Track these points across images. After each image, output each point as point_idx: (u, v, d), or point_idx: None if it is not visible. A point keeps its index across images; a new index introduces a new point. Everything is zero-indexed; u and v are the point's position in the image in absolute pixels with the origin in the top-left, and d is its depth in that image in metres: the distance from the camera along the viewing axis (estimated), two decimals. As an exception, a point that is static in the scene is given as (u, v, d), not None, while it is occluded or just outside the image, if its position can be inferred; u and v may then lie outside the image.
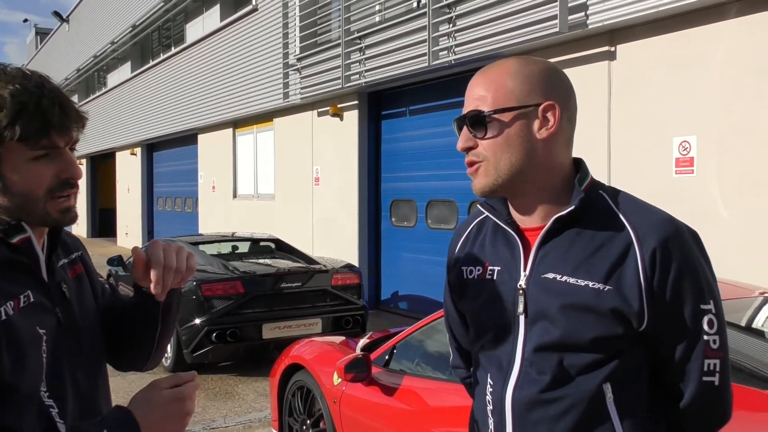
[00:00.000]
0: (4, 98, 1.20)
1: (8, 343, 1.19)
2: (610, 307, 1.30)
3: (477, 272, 1.48)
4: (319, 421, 4.20)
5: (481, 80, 1.40)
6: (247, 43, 12.82)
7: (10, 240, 1.26)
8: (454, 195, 8.94)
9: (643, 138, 6.13)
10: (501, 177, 1.37)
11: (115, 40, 21.14)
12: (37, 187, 1.25)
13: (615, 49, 6.41)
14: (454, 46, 7.78)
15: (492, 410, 1.42)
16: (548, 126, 1.36)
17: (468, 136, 1.40)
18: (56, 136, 1.25)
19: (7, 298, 1.21)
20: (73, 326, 1.36)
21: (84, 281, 1.47)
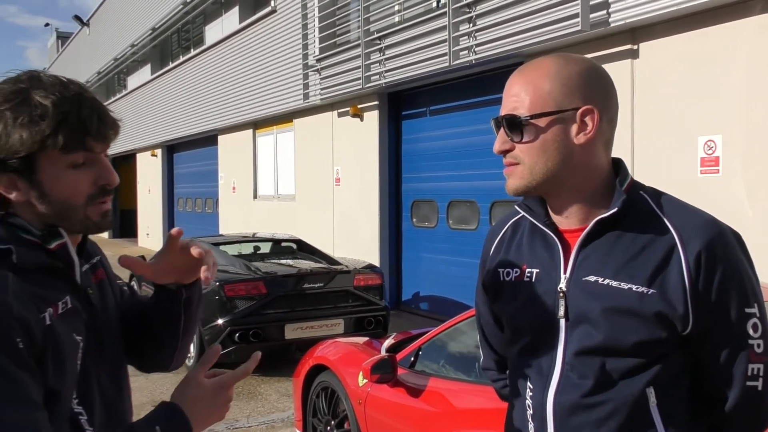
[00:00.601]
0: (46, 108, 1.20)
1: (53, 350, 1.20)
2: (654, 310, 1.28)
3: (515, 274, 1.46)
4: (343, 422, 4.20)
5: (519, 80, 1.38)
6: (266, 44, 12.87)
7: (48, 245, 1.26)
8: (476, 195, 8.91)
9: (667, 137, 6.07)
10: (535, 180, 1.36)
11: (135, 43, 21.32)
12: (77, 195, 1.26)
13: (637, 47, 6.36)
14: (475, 46, 7.76)
15: (532, 414, 1.40)
16: (586, 131, 1.33)
17: (504, 139, 1.38)
18: (94, 144, 1.26)
19: (47, 304, 1.21)
20: (97, 331, 1.36)
21: (105, 286, 1.47)
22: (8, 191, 1.24)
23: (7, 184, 1.23)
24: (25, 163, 1.21)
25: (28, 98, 1.21)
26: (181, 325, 1.49)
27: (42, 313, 1.19)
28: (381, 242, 10.35)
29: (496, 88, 8.40)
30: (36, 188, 1.24)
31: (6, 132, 1.19)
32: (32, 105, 1.20)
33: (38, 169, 1.23)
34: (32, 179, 1.23)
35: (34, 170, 1.22)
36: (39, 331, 1.17)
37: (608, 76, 1.40)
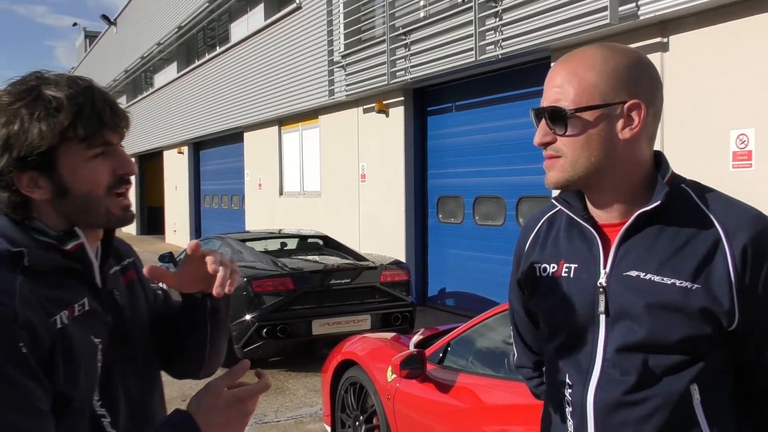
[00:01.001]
0: (61, 101, 1.21)
1: (63, 352, 1.19)
2: (699, 306, 1.25)
3: (552, 269, 1.44)
4: (372, 417, 4.21)
5: (563, 71, 1.33)
6: (291, 41, 12.91)
7: (64, 246, 1.25)
8: (502, 191, 8.87)
9: (698, 131, 5.99)
10: (577, 174, 1.33)
11: (162, 41, 21.51)
12: (97, 186, 1.26)
13: (667, 40, 6.28)
14: (501, 41, 7.71)
15: (571, 412, 1.38)
16: (632, 126, 1.30)
17: (546, 131, 1.34)
18: (110, 134, 1.27)
19: (62, 306, 1.21)
20: (124, 334, 1.35)
21: (136, 288, 1.46)
22: (30, 190, 1.23)
23: (28, 183, 1.23)
24: (44, 159, 1.21)
25: (41, 94, 1.21)
26: (207, 334, 1.46)
27: (53, 316, 1.18)
28: (407, 238, 10.34)
29: (523, 83, 8.36)
30: (57, 184, 1.23)
31: (23, 129, 1.19)
32: (46, 99, 1.20)
33: (58, 164, 1.23)
34: (53, 175, 1.23)
35: (54, 165, 1.22)
36: (47, 335, 1.16)
37: (655, 68, 1.36)
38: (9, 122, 1.20)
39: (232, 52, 16.11)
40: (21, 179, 1.22)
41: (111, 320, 1.32)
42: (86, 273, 1.29)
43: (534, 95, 8.11)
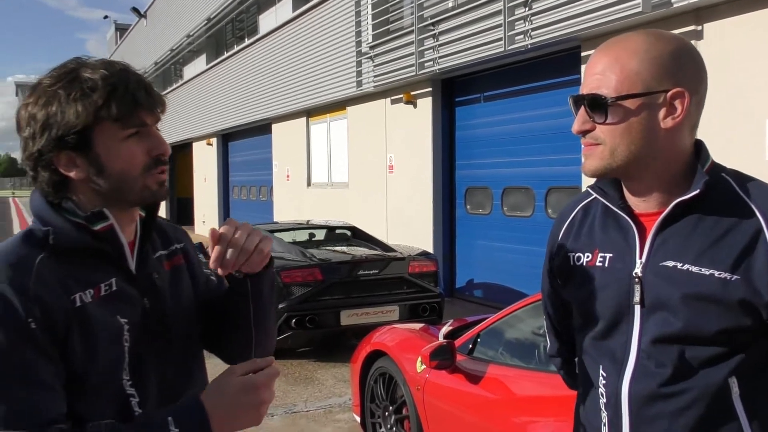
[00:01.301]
0: (95, 81, 1.24)
1: (80, 330, 1.22)
2: (738, 297, 1.23)
3: (586, 259, 1.42)
4: (401, 408, 4.23)
5: (604, 57, 1.30)
6: (319, 33, 12.92)
7: (93, 227, 1.28)
8: (531, 182, 8.81)
9: (732, 121, 5.89)
10: (616, 162, 1.30)
11: (191, 33, 21.67)
12: (133, 166, 1.29)
13: (701, 28, 6.17)
14: (531, 30, 7.64)
15: (606, 403, 1.37)
16: (675, 115, 1.27)
17: (585, 119, 1.32)
18: (145, 115, 1.29)
19: (86, 286, 1.25)
20: (162, 317, 1.36)
21: (183, 273, 1.47)
22: (68, 169, 1.27)
23: (66, 162, 1.27)
24: (81, 139, 1.24)
25: (78, 76, 1.25)
26: (250, 316, 1.44)
27: (72, 294, 1.22)
28: (435, 229, 10.33)
29: (552, 73, 8.28)
30: (94, 163, 1.27)
31: (61, 109, 1.23)
32: (82, 80, 1.24)
33: (94, 144, 1.26)
34: (89, 154, 1.26)
35: (90, 145, 1.26)
36: (62, 313, 1.20)
37: (700, 57, 1.33)
38: (48, 103, 1.24)
39: (260, 43, 16.18)
40: (59, 159, 1.26)
41: (148, 303, 1.34)
42: (116, 254, 1.31)
43: (564, 85, 8.04)
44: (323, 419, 5.33)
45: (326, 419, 5.33)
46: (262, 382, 1.26)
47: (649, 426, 1.31)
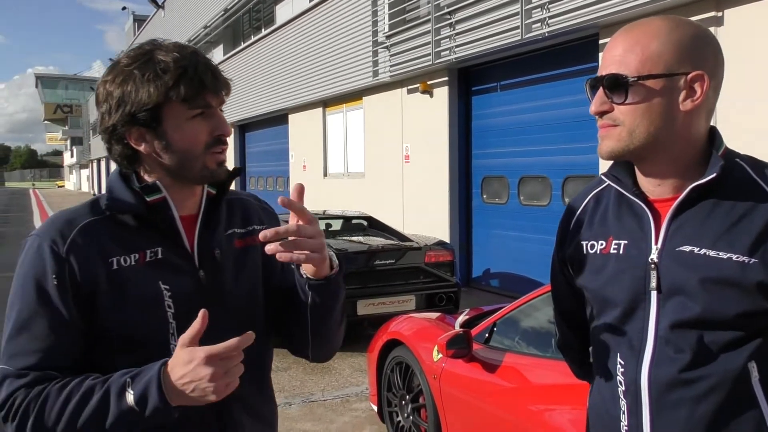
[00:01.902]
0: (168, 63, 1.34)
1: (113, 290, 1.34)
2: (756, 281, 1.23)
3: (600, 246, 1.42)
4: (418, 397, 4.24)
5: (625, 40, 1.31)
6: (336, 22, 12.90)
7: (147, 198, 1.40)
8: (547, 171, 8.77)
9: (753, 109, 5.82)
10: (633, 144, 1.31)
11: (208, 24, 21.72)
12: (196, 144, 1.38)
13: (722, 14, 6.09)
14: (548, 18, 7.58)
15: (624, 391, 1.36)
16: (694, 97, 1.28)
17: (603, 100, 1.32)
18: (210, 97, 1.39)
19: (130, 251, 1.37)
20: (219, 291, 1.43)
21: (255, 254, 1.52)
22: (138, 143, 1.39)
23: (137, 137, 1.38)
24: (152, 116, 1.35)
25: (152, 57, 1.36)
26: (307, 322, 1.46)
27: (111, 257, 1.35)
28: (451, 219, 10.32)
29: (570, 62, 8.21)
30: (161, 139, 1.38)
31: (135, 88, 1.34)
32: (156, 62, 1.35)
33: (163, 121, 1.36)
34: (158, 131, 1.37)
35: (159, 122, 1.36)
36: (93, 273, 1.33)
37: (718, 43, 1.34)
38: (124, 82, 1.36)
39: (277, 34, 16.19)
40: (131, 133, 1.38)
41: (204, 275, 1.42)
42: (166, 225, 1.41)
43: (581, 73, 7.97)
44: (340, 408, 5.36)
45: (343, 408, 5.36)
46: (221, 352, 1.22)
47: (670, 412, 1.31)
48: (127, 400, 1.25)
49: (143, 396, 1.24)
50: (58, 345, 1.32)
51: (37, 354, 1.31)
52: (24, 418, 1.28)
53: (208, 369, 1.21)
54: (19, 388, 1.29)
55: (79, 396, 1.27)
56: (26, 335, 1.32)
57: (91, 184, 57.93)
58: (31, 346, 1.32)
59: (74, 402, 1.27)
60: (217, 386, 1.22)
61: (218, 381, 1.22)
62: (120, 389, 1.26)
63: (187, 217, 1.45)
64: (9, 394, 1.29)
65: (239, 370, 1.25)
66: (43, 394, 1.28)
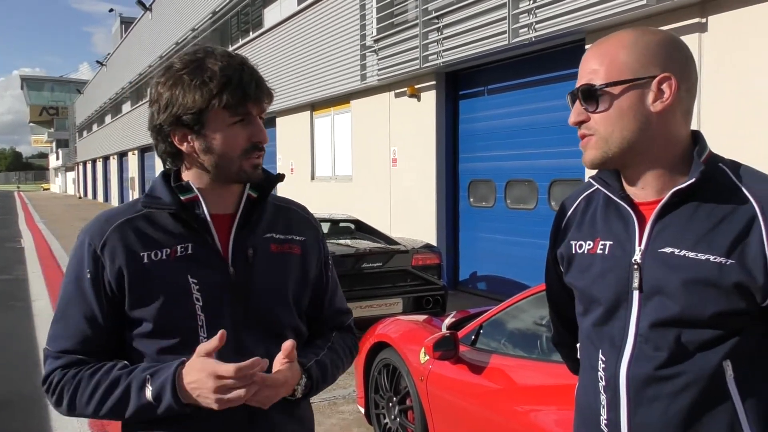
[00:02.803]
0: (214, 72, 1.43)
1: (143, 283, 1.44)
2: (733, 281, 1.27)
3: (588, 247, 1.47)
4: (405, 399, 4.25)
5: (595, 53, 1.38)
6: (324, 26, 12.92)
7: (181, 196, 1.50)
8: (534, 174, 8.82)
9: (736, 113, 5.89)
10: (611, 150, 1.36)
11: (196, 27, 21.68)
12: (234, 149, 1.47)
13: (706, 20, 6.16)
14: (535, 23, 7.64)
15: (605, 386, 1.41)
16: (663, 99, 1.32)
17: (580, 110, 1.38)
18: (251, 105, 1.47)
19: (162, 246, 1.47)
20: (246, 288, 1.51)
21: (291, 262, 1.60)
22: (181, 143, 1.48)
23: (180, 137, 1.48)
24: (196, 119, 1.44)
25: (202, 65, 1.44)
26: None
27: (142, 252, 1.45)
28: (438, 222, 10.35)
29: (557, 66, 8.27)
30: (202, 141, 1.47)
31: (183, 92, 1.43)
32: (204, 69, 1.44)
33: (206, 125, 1.45)
34: (200, 133, 1.46)
35: (202, 125, 1.45)
36: (125, 268, 1.44)
37: (687, 47, 1.38)
38: (174, 85, 1.45)
39: (265, 37, 16.19)
40: (175, 133, 1.48)
41: (233, 272, 1.50)
42: (198, 223, 1.49)
43: (568, 78, 8.03)
44: (328, 411, 5.37)
45: (331, 411, 5.36)
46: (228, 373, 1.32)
47: (646, 407, 1.35)
48: (146, 395, 1.39)
49: (159, 393, 1.37)
50: (89, 334, 1.46)
51: (71, 339, 1.47)
52: (60, 397, 1.46)
53: (213, 383, 1.32)
54: (56, 368, 1.47)
55: (106, 385, 1.42)
56: (64, 322, 1.49)
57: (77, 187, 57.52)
58: (66, 332, 1.47)
59: (102, 390, 1.42)
60: (218, 399, 1.33)
61: (219, 395, 1.33)
62: (141, 384, 1.40)
63: (224, 216, 1.53)
64: (49, 372, 1.48)
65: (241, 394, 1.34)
66: (76, 378, 1.44)
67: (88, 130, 49.67)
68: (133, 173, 33.30)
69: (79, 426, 4.89)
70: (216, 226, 1.51)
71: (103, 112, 41.79)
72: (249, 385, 1.34)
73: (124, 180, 36.80)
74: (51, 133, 73.32)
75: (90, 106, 46.90)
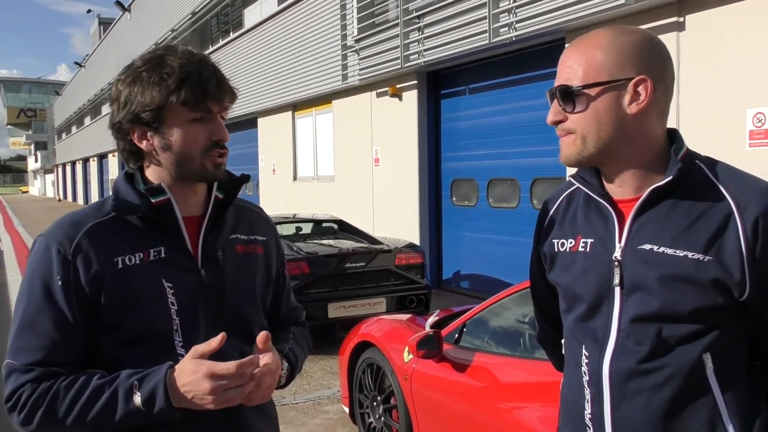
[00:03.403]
0: (173, 68, 1.42)
1: (118, 288, 1.41)
2: (710, 277, 1.29)
3: (569, 245, 1.49)
4: (389, 398, 4.26)
5: (573, 52, 1.39)
6: (305, 26, 12.90)
7: (153, 200, 1.47)
8: (516, 173, 8.86)
9: (714, 111, 5.96)
10: (588, 150, 1.38)
11: (176, 28, 21.54)
12: (193, 146, 1.46)
13: (683, 19, 6.23)
14: (515, 23, 7.67)
15: (588, 381, 1.43)
16: (639, 101, 1.34)
17: (557, 110, 1.40)
18: (211, 103, 1.46)
19: (135, 250, 1.44)
20: (218, 291, 1.50)
21: (255, 262, 1.61)
22: (140, 141, 1.47)
23: (139, 135, 1.47)
24: (154, 116, 1.43)
25: (162, 62, 1.44)
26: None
27: (116, 257, 1.42)
28: (421, 221, 10.37)
29: (537, 65, 8.32)
30: (161, 139, 1.45)
31: (142, 89, 1.43)
32: (164, 66, 1.43)
33: (164, 122, 1.44)
34: (159, 131, 1.45)
35: (161, 123, 1.44)
36: (98, 273, 1.40)
37: (664, 47, 1.40)
38: (132, 83, 1.44)
39: (245, 37, 16.12)
40: (134, 131, 1.47)
41: (205, 274, 1.49)
42: (170, 226, 1.47)
43: (548, 77, 8.07)
44: (312, 411, 5.36)
45: (315, 411, 5.36)
46: (224, 372, 1.31)
47: (629, 401, 1.37)
48: (135, 402, 1.35)
49: (150, 398, 1.34)
50: (61, 343, 1.40)
51: (42, 351, 1.39)
52: (31, 413, 1.36)
53: (209, 384, 1.31)
54: (25, 383, 1.37)
55: (87, 395, 1.36)
56: (31, 332, 1.40)
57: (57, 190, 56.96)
58: (36, 343, 1.39)
59: (83, 400, 1.36)
60: (215, 399, 1.32)
61: (216, 395, 1.32)
62: (127, 391, 1.35)
63: (191, 218, 1.52)
64: (15, 388, 1.38)
65: (239, 392, 1.34)
66: (51, 390, 1.36)
67: (67, 132, 49.21)
68: (114, 175, 33.04)
69: None
70: (186, 229, 1.50)
71: (82, 114, 41.42)
72: (246, 383, 1.34)
73: (104, 182, 36.50)
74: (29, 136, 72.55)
75: (69, 107, 46.46)
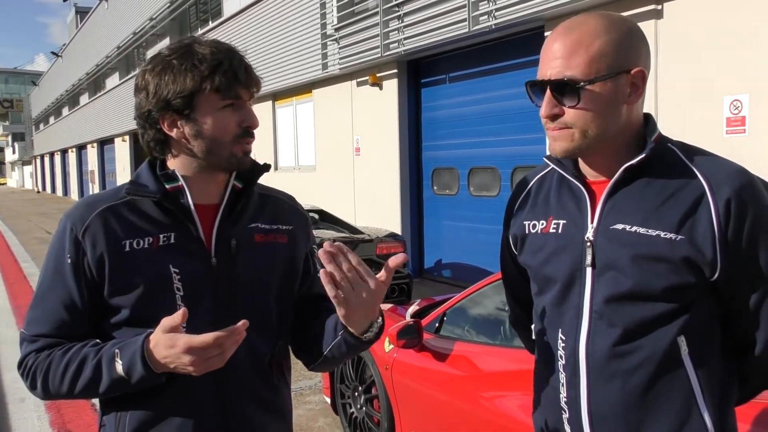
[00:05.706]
0: (204, 55, 1.43)
1: (124, 271, 1.42)
2: (682, 256, 1.29)
3: (541, 226, 1.48)
4: (370, 388, 4.26)
5: (566, 41, 1.33)
6: (284, 15, 12.80)
7: (167, 186, 1.48)
8: (497, 162, 8.88)
9: (691, 98, 5.99)
10: (587, 143, 1.35)
11: (154, 16, 21.30)
12: (224, 133, 1.46)
13: (661, 7, 6.25)
14: (495, 11, 7.67)
15: (564, 365, 1.42)
16: (638, 92, 1.34)
17: (554, 103, 1.34)
18: (242, 89, 1.47)
19: (144, 234, 1.45)
20: (228, 279, 1.49)
21: (276, 251, 1.57)
22: (170, 129, 1.46)
23: (170, 123, 1.46)
24: (186, 103, 1.43)
25: (191, 50, 1.45)
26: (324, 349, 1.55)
27: (124, 240, 1.43)
28: (402, 211, 10.36)
29: (517, 53, 8.32)
30: (192, 126, 1.45)
31: (174, 77, 1.42)
32: (194, 53, 1.44)
33: (196, 109, 1.44)
34: (190, 118, 1.45)
35: (192, 109, 1.44)
36: (106, 255, 1.42)
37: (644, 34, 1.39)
38: (163, 71, 1.44)
39: (224, 26, 15.97)
40: (164, 119, 1.46)
41: (216, 262, 1.48)
42: (182, 212, 1.47)
43: (528, 65, 8.09)
44: (294, 402, 5.33)
45: (297, 402, 5.35)
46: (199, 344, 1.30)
47: (605, 384, 1.36)
48: (117, 369, 1.37)
49: (130, 366, 1.35)
50: (66, 319, 1.45)
51: (48, 324, 1.46)
52: (34, 379, 1.45)
53: (189, 357, 1.30)
54: (30, 352, 1.46)
55: (76, 364, 1.40)
56: (41, 306, 1.47)
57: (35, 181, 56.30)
58: (44, 317, 1.46)
59: (72, 369, 1.40)
60: (196, 369, 1.32)
61: (197, 366, 1.31)
62: (110, 359, 1.38)
63: (209, 206, 1.51)
64: (24, 356, 1.47)
65: (221, 358, 1.32)
66: (48, 359, 1.43)
67: (45, 122, 48.60)
68: (93, 166, 32.70)
69: (39, 425, 4.81)
70: (200, 216, 1.49)
71: (60, 104, 40.92)
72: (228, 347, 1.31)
73: (84, 173, 36.13)
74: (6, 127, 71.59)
75: (46, 98, 45.88)
